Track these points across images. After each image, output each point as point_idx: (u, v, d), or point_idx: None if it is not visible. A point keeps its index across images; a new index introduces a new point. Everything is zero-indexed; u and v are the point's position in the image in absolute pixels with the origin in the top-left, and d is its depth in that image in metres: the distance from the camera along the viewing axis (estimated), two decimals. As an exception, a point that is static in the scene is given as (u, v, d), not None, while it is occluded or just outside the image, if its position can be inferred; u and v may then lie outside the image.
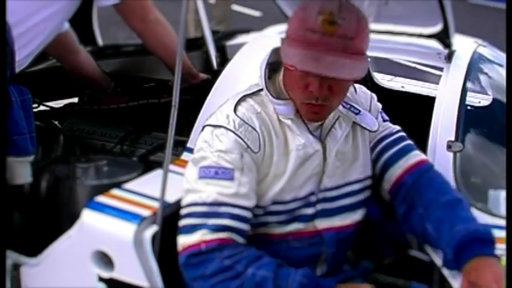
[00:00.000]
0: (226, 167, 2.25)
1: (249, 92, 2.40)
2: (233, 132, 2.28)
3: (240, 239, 2.24)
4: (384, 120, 2.57)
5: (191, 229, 2.23)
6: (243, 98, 2.37)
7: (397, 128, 2.58)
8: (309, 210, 2.41)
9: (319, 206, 2.42)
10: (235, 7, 10.68)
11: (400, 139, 2.55)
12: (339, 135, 2.40)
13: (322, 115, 2.33)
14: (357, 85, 2.53)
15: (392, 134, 2.55)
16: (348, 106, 2.41)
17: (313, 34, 2.16)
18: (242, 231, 2.25)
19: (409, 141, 2.56)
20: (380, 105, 2.59)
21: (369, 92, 2.60)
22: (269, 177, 2.35)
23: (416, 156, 2.52)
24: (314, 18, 2.16)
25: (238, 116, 2.31)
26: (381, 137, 2.53)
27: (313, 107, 2.26)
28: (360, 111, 2.43)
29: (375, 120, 2.47)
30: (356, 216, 2.49)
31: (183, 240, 2.25)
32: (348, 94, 2.41)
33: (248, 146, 2.28)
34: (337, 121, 2.40)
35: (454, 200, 2.39)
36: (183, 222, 2.27)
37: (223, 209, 2.22)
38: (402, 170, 2.48)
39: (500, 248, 2.24)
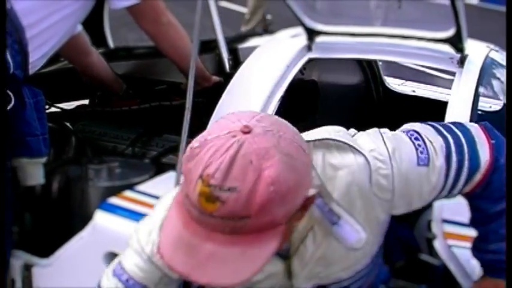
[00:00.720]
0: (138, 282, 1.91)
1: None
2: (149, 259, 1.88)
3: None
4: (427, 163, 1.86)
5: None
6: None
7: (440, 160, 1.88)
8: None
9: None
10: (245, 10, 10.69)
11: (457, 177, 1.91)
12: (309, 252, 1.85)
13: None
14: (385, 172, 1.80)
15: (444, 185, 1.91)
16: (327, 209, 1.79)
17: (191, 207, 1.54)
18: None
19: (464, 171, 1.91)
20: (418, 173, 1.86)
21: (391, 179, 1.80)
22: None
23: (481, 172, 1.94)
24: (194, 182, 1.50)
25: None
26: (436, 196, 1.94)
27: None
28: (339, 218, 1.79)
29: (361, 233, 1.82)
30: None
31: None
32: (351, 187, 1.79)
33: (165, 274, 1.90)
34: (310, 233, 1.83)
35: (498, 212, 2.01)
36: None
37: None
38: (469, 189, 1.97)
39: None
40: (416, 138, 1.88)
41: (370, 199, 1.80)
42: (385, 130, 1.89)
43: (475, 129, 1.99)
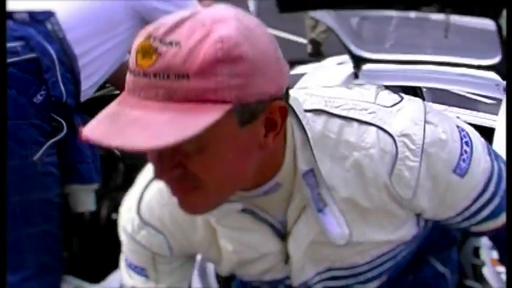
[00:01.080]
0: (137, 266, 1.75)
1: None
2: (132, 238, 1.69)
3: None
4: (463, 173, 1.53)
5: None
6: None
7: (483, 179, 1.59)
8: None
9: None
10: (290, 36, 10.71)
11: (481, 209, 1.62)
12: (303, 234, 1.61)
13: (196, 205, 1.43)
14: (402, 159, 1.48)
15: (474, 202, 1.60)
16: (316, 192, 1.52)
17: (129, 75, 1.29)
18: None
19: (490, 207, 1.62)
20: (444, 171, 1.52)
21: (416, 172, 1.48)
22: (205, 258, 1.85)
23: (501, 217, 1.66)
24: (136, 45, 1.28)
25: (138, 215, 1.65)
26: (451, 216, 1.63)
27: (173, 189, 1.41)
28: (325, 205, 1.53)
29: (344, 229, 1.56)
30: (377, 281, 1.84)
31: None
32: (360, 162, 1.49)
33: (154, 253, 1.71)
34: (303, 214, 1.58)
35: None
36: None
37: None
38: (481, 230, 1.71)
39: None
40: (466, 143, 1.55)
41: (384, 191, 1.51)
42: (431, 116, 1.53)
43: None
